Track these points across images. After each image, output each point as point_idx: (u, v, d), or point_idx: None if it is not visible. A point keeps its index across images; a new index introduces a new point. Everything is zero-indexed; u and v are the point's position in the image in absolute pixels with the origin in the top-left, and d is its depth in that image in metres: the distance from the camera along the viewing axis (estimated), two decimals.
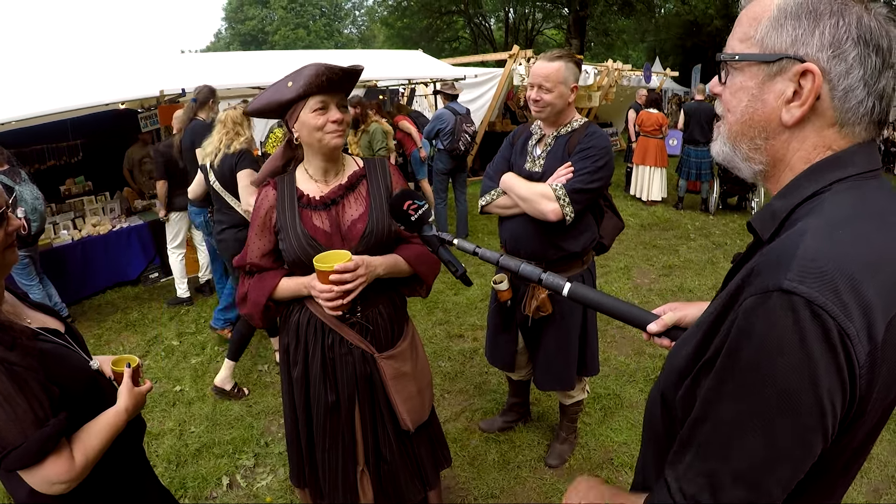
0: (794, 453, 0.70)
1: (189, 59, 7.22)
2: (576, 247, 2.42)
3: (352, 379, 1.77)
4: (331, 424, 1.80)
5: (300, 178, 1.76)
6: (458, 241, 1.46)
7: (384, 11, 32.27)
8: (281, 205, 1.71)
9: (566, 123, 2.41)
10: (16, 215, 1.27)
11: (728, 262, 6.14)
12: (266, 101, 1.66)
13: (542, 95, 2.31)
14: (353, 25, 44.70)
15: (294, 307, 1.80)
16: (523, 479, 2.80)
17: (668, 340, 1.12)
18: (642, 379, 3.69)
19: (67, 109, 4.91)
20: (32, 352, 1.16)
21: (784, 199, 0.81)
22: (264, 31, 38.92)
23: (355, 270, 1.59)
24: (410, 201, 1.53)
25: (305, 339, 1.77)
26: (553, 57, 2.33)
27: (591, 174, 2.26)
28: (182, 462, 2.99)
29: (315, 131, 1.63)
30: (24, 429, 1.11)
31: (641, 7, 23.22)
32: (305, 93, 1.60)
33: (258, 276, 1.76)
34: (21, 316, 1.29)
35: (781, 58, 0.78)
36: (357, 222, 1.72)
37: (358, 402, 1.80)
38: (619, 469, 2.85)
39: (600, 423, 3.21)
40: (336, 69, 1.60)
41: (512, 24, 30.10)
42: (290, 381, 1.85)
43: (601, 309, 1.20)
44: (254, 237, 1.75)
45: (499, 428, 3.11)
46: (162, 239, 5.28)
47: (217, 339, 4.38)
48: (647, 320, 1.14)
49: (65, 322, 1.42)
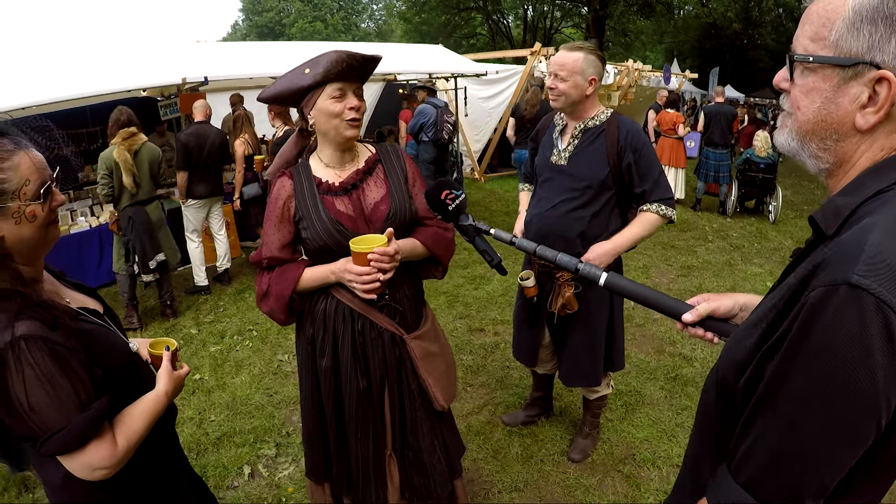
0: (849, 438, 0.73)
1: (211, 48, 7.22)
2: None
3: (382, 363, 1.75)
4: (363, 411, 1.77)
5: (315, 167, 1.73)
6: (495, 230, 1.45)
7: (402, 6, 32.37)
8: (300, 193, 1.68)
9: (591, 116, 2.39)
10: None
11: (745, 264, 6.14)
12: (282, 87, 1.64)
13: (556, 84, 2.31)
14: (370, 20, 45.02)
15: (319, 296, 1.75)
16: (546, 473, 2.77)
17: (703, 330, 1.15)
18: (662, 377, 3.67)
19: (88, 95, 4.93)
20: (74, 332, 1.12)
21: (848, 196, 0.83)
22: (281, 24, 39.25)
23: (393, 254, 1.58)
24: (448, 190, 1.50)
25: (334, 326, 1.74)
26: (574, 47, 2.33)
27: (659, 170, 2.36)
28: (202, 451, 2.97)
29: (332, 118, 1.61)
30: (66, 411, 1.07)
31: (661, 8, 23.14)
32: (324, 79, 1.58)
33: (279, 270, 1.72)
34: (61, 295, 1.25)
35: (857, 63, 0.78)
36: (380, 204, 1.71)
37: (387, 385, 1.78)
38: (641, 465, 2.83)
39: (622, 420, 3.19)
40: (357, 56, 1.59)
41: (530, 21, 30.07)
42: (315, 372, 1.80)
43: (636, 298, 1.23)
44: (271, 230, 1.71)
45: (522, 421, 3.09)
46: (180, 227, 5.29)
47: (237, 328, 4.38)
48: (682, 310, 1.16)
49: (103, 302, 1.39)
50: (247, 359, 3.90)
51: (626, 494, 2.65)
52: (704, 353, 4.03)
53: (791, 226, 7.96)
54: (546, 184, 2.48)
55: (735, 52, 26.18)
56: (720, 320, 1.17)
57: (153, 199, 4.42)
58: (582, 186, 2.36)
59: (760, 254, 6.60)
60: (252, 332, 4.36)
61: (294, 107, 1.70)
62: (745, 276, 5.76)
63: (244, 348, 4.08)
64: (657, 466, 2.83)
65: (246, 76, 5.61)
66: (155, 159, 4.37)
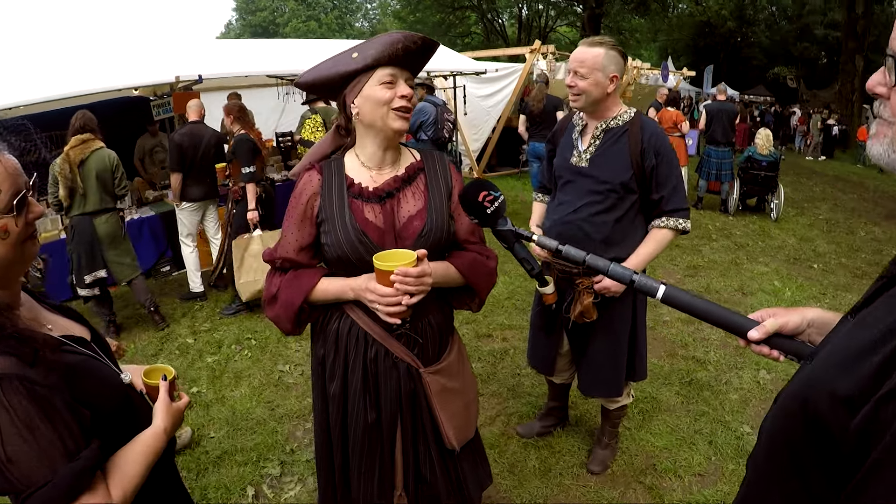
0: None
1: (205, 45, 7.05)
2: (625, 253, 2.28)
3: (395, 396, 1.57)
4: (369, 445, 1.60)
5: (350, 165, 1.55)
6: (538, 237, 1.31)
7: (397, 5, 32.37)
8: (327, 192, 1.50)
9: (614, 116, 2.26)
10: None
11: (751, 263, 6.08)
12: (324, 72, 1.47)
13: (576, 81, 2.19)
14: (364, 19, 44.93)
15: (333, 313, 1.58)
16: (566, 486, 2.64)
17: (768, 348, 1.06)
18: (677, 381, 3.58)
19: (78, 94, 4.76)
20: (57, 367, 0.96)
21: None
22: (275, 23, 39.16)
23: (421, 277, 1.40)
24: (486, 192, 1.35)
25: (346, 350, 1.56)
26: (594, 42, 2.20)
27: (678, 178, 2.27)
28: (202, 470, 2.80)
29: (380, 107, 1.43)
30: (51, 462, 0.92)
31: (656, 6, 23.20)
32: (375, 62, 1.41)
33: (293, 273, 1.54)
34: (40, 321, 1.09)
35: None
36: (414, 219, 1.52)
37: (400, 421, 1.60)
38: (662, 475, 2.73)
39: (639, 428, 3.09)
40: (416, 38, 1.42)
41: (525, 20, 30.07)
42: (324, 397, 1.64)
43: (695, 312, 1.13)
44: (291, 227, 1.53)
45: (537, 433, 2.96)
46: (174, 231, 5.13)
47: (234, 337, 4.22)
48: (747, 326, 1.07)
49: (90, 327, 1.21)
50: (246, 370, 3.74)
51: None
52: (717, 356, 3.93)
53: (793, 223, 7.91)
54: (566, 186, 2.35)
55: (729, 50, 26.25)
56: (788, 337, 1.06)
57: (106, 211, 4.14)
58: (605, 189, 2.23)
59: (765, 252, 6.53)
60: (251, 341, 4.19)
61: (332, 97, 1.53)
62: (752, 276, 5.68)
63: (243, 358, 3.92)
64: (679, 476, 2.73)
65: (241, 74, 5.44)
66: (105, 168, 4.07)
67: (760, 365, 3.84)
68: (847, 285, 5.56)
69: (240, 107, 4.70)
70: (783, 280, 5.58)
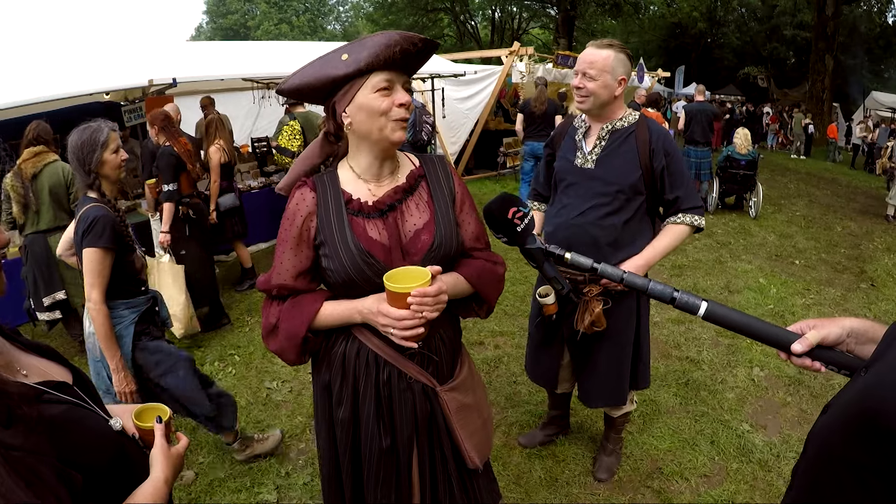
0: None
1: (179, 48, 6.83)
2: (628, 256, 2.24)
3: (411, 418, 1.45)
4: (384, 473, 1.48)
5: (344, 178, 1.42)
6: (571, 255, 1.23)
7: (370, 7, 32.25)
8: (323, 210, 1.37)
9: (619, 118, 2.22)
10: None
11: (734, 261, 6.15)
12: (310, 77, 1.32)
13: (585, 83, 2.13)
14: (336, 21, 44.63)
15: (338, 337, 1.46)
16: (574, 496, 2.58)
17: (810, 360, 1.07)
18: (674, 383, 3.56)
19: (45, 100, 4.52)
20: (38, 425, 0.80)
21: None
22: (246, 26, 38.67)
23: (437, 296, 1.29)
24: (515, 208, 1.26)
25: (354, 374, 1.44)
26: (603, 45, 2.15)
27: (689, 177, 2.28)
28: (194, 500, 2.64)
29: (378, 117, 1.30)
30: None
31: (628, 8, 23.51)
32: (369, 67, 1.27)
33: (292, 301, 1.41)
34: (13, 367, 0.91)
35: None
36: (421, 233, 1.40)
37: (416, 444, 1.49)
38: (669, 478, 2.70)
39: (641, 432, 3.05)
40: (415, 38, 1.30)
41: (498, 22, 30.26)
42: (330, 423, 1.52)
43: (738, 328, 1.14)
44: (286, 252, 1.40)
45: (539, 442, 2.88)
46: (149, 244, 4.92)
47: (216, 354, 4.03)
48: (789, 339, 1.08)
49: (71, 367, 1.03)
50: (231, 388, 3.55)
51: None
52: (711, 355, 3.93)
53: (772, 220, 8.02)
54: (570, 189, 2.28)
55: (700, 50, 26.78)
56: (829, 349, 1.06)
57: (60, 229, 3.76)
58: (613, 191, 2.17)
59: (748, 250, 6.59)
60: (234, 358, 4.00)
61: (319, 102, 1.39)
62: (736, 274, 5.73)
63: (227, 377, 3.74)
64: (685, 478, 2.71)
65: (216, 77, 5.26)
66: (59, 183, 3.80)
67: (754, 362, 3.84)
68: (829, 280, 5.64)
69: (164, 115, 4.24)
70: (767, 277, 5.62)
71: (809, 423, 3.17)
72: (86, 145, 2.26)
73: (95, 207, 2.25)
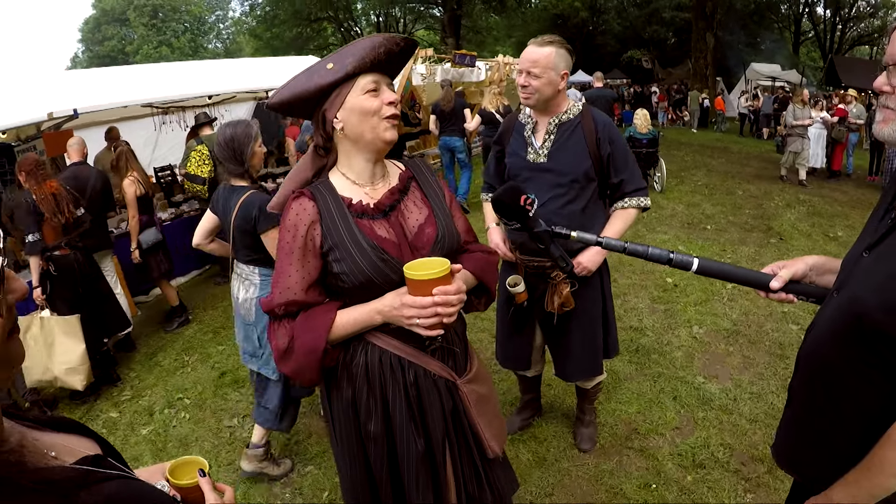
0: None
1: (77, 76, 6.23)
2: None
3: (440, 416, 1.45)
4: (424, 476, 1.47)
5: (339, 185, 1.43)
6: (576, 233, 1.31)
7: (253, 22, 31.25)
8: (327, 217, 1.37)
9: (564, 111, 2.34)
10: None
11: (652, 233, 6.54)
12: (300, 88, 1.34)
13: (530, 81, 2.23)
14: (217, 39, 42.89)
15: (356, 348, 1.43)
16: (566, 470, 2.70)
17: (786, 294, 1.27)
18: (625, 351, 3.77)
19: None
20: None
21: None
22: (124, 52, 36.51)
23: (459, 293, 1.31)
24: (525, 195, 1.33)
25: (381, 382, 1.42)
26: (544, 42, 2.25)
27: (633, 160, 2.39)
28: None
29: (369, 117, 1.34)
30: None
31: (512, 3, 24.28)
32: (356, 70, 1.32)
33: (303, 316, 1.37)
34: (38, 450, 0.73)
35: None
36: (425, 227, 1.44)
37: (447, 441, 1.50)
38: (646, 437, 2.91)
39: (608, 400, 3.23)
40: (398, 39, 1.35)
41: (383, 26, 30.30)
42: (358, 439, 1.49)
43: (724, 276, 1.31)
44: (292, 265, 1.36)
45: (518, 427, 2.97)
46: None
47: (164, 401, 3.73)
48: (767, 279, 1.27)
49: (95, 436, 0.88)
50: (190, 434, 3.33)
51: (648, 467, 2.69)
52: (651, 321, 4.20)
53: (677, 192, 8.64)
54: (527, 184, 2.36)
55: (583, 38, 28.21)
56: (798, 282, 1.27)
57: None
58: (568, 181, 2.29)
59: (661, 221, 7.06)
60: (184, 401, 3.73)
61: (306, 117, 1.39)
62: (656, 244, 6.05)
63: (182, 422, 3.48)
64: (660, 433, 2.92)
65: (120, 104, 4.87)
66: None
67: (692, 322, 4.16)
68: (741, 239, 6.20)
69: (34, 161, 3.77)
70: (685, 244, 6.08)
71: (754, 367, 3.52)
72: (240, 138, 2.48)
73: (258, 194, 2.47)
